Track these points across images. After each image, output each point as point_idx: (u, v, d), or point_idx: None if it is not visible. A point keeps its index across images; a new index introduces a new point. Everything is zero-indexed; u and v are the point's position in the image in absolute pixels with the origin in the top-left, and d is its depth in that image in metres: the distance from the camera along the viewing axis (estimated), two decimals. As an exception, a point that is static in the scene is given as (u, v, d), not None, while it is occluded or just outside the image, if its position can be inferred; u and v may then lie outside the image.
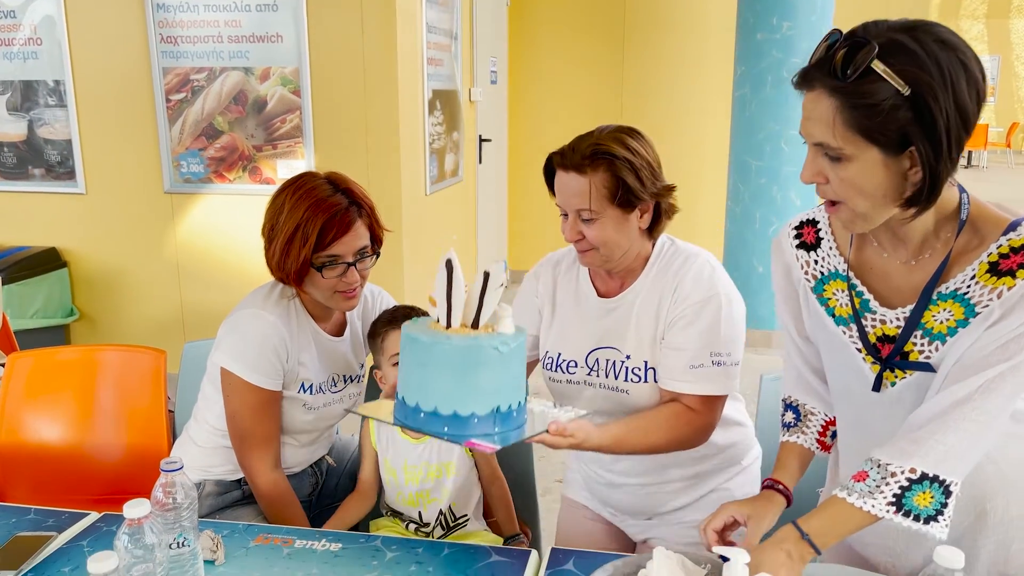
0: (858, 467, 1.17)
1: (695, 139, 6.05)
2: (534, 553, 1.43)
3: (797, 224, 1.36)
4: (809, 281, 1.33)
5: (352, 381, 1.89)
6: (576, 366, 1.66)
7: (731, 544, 1.29)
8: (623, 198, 1.50)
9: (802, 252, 1.34)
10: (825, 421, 1.42)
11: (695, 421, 1.55)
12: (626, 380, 1.60)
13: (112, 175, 4.08)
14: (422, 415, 1.28)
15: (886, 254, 1.23)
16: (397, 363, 1.71)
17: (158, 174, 4.03)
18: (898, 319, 1.21)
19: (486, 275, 1.29)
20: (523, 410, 1.35)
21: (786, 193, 4.70)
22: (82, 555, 1.41)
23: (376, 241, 1.76)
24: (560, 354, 1.68)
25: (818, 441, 1.41)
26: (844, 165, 1.09)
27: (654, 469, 1.67)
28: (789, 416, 1.45)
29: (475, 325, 1.30)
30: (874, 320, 1.24)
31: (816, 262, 1.32)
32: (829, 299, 1.30)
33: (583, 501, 1.85)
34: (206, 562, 1.36)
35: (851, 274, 1.27)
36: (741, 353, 1.59)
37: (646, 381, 1.59)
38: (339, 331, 1.85)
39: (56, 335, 4.11)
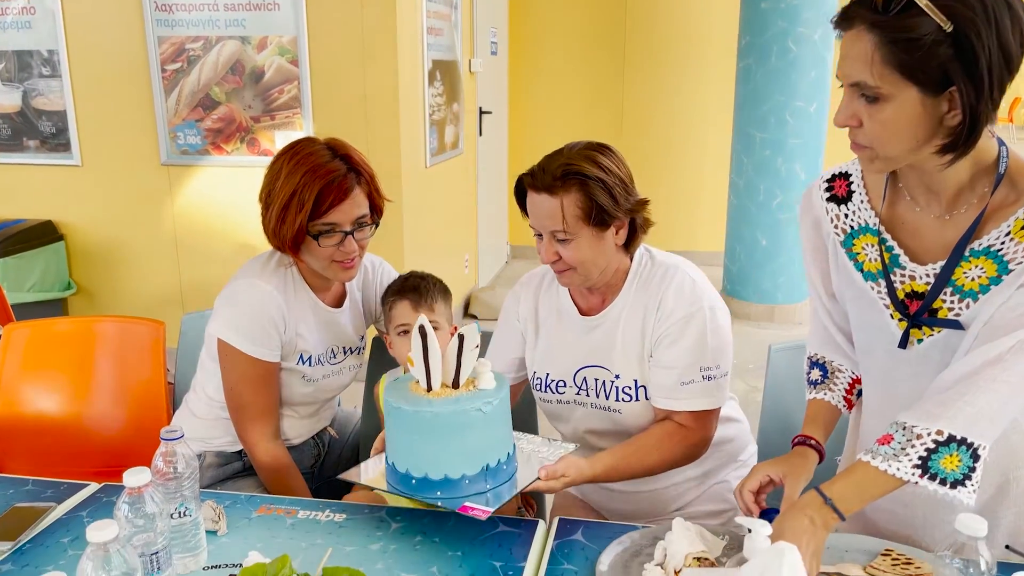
0: (881, 429, 1.15)
1: (698, 108, 5.98)
2: (541, 523, 1.40)
3: (829, 177, 1.33)
4: (839, 235, 1.30)
5: (352, 353, 1.85)
6: (565, 385, 1.64)
7: (764, 507, 1.26)
8: (597, 217, 1.46)
9: (832, 205, 1.31)
10: (852, 379, 1.39)
11: (689, 438, 1.54)
12: (617, 400, 1.58)
13: (108, 147, 4.02)
14: (414, 481, 1.33)
15: (919, 208, 1.20)
16: (403, 332, 1.71)
17: (154, 146, 3.97)
18: (928, 275, 1.18)
19: (460, 337, 1.33)
20: (512, 459, 1.40)
21: (790, 165, 4.65)
22: (81, 526, 1.39)
23: (376, 210, 1.71)
24: (548, 374, 1.65)
25: (844, 399, 1.39)
26: (880, 106, 1.05)
27: (652, 477, 1.64)
28: (816, 373, 1.42)
29: (455, 384, 1.35)
30: (903, 276, 1.21)
31: (846, 216, 1.29)
32: (858, 254, 1.27)
33: (576, 493, 1.83)
34: (208, 532, 1.33)
35: (882, 228, 1.24)
36: (730, 362, 1.57)
37: (637, 400, 1.57)
38: (338, 302, 1.82)
39: (54, 309, 4.08)
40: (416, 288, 1.73)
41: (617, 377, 1.57)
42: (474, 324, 1.37)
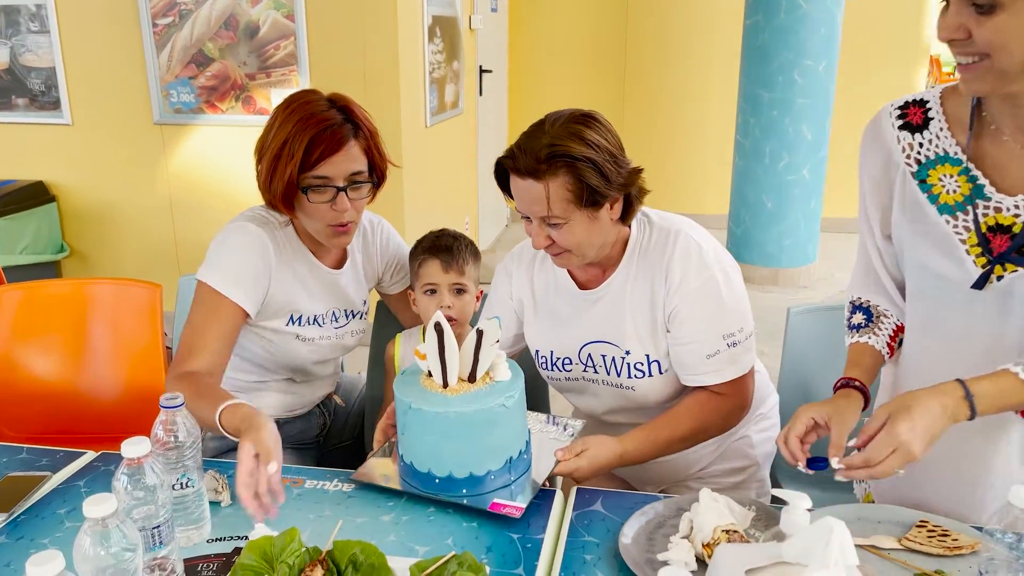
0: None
1: (704, 67, 5.86)
2: (559, 493, 1.35)
3: (901, 104, 1.25)
4: (911, 166, 1.22)
5: (355, 317, 1.78)
6: (571, 363, 1.56)
7: (812, 458, 1.19)
8: (589, 199, 1.36)
9: (905, 133, 1.23)
10: (896, 326, 1.33)
11: (723, 405, 1.47)
12: (629, 376, 1.51)
13: (99, 105, 3.92)
14: (437, 481, 1.29)
15: (1006, 137, 1.14)
16: (429, 292, 1.67)
17: (147, 104, 3.86)
18: (1017, 207, 1.12)
19: (479, 332, 1.29)
20: (529, 447, 1.37)
21: (798, 126, 4.56)
22: (79, 496, 1.34)
23: (375, 171, 1.60)
24: (552, 352, 1.58)
25: (888, 345, 1.32)
26: (993, 16, 0.99)
27: None
28: (858, 317, 1.35)
29: (471, 379, 1.31)
30: (987, 208, 1.15)
31: (921, 145, 1.22)
32: (933, 185, 1.20)
33: None
34: (211, 503, 1.28)
35: (964, 157, 1.17)
36: (751, 320, 1.49)
37: (651, 375, 1.50)
38: (338, 264, 1.73)
39: (47, 271, 4.00)
40: (448, 249, 1.65)
41: (628, 353, 1.50)
42: (496, 320, 1.31)
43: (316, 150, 1.49)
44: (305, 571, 1.07)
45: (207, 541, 1.22)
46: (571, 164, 1.34)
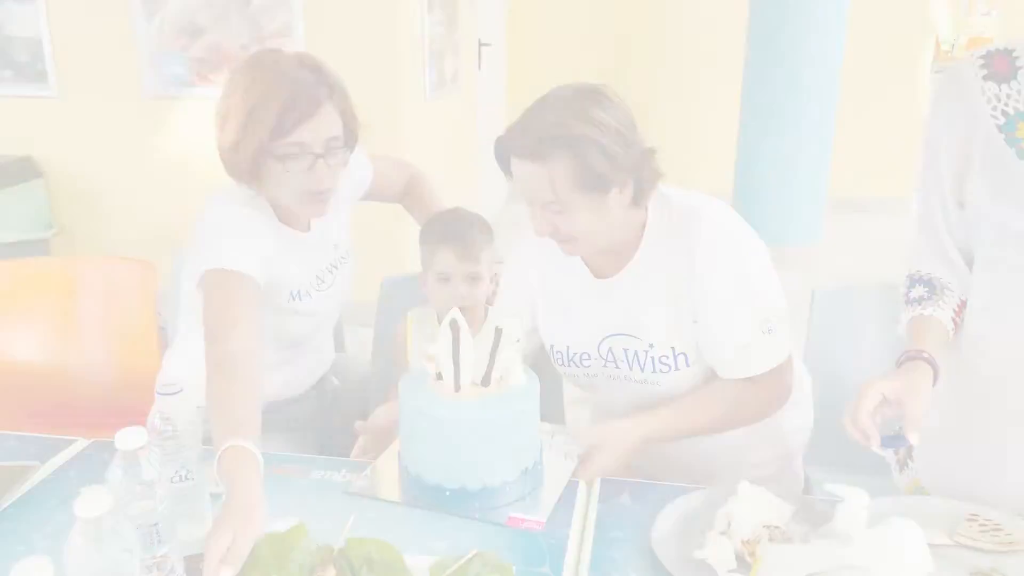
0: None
1: (707, 41, 5.75)
2: (582, 484, 1.27)
3: (983, 54, 1.17)
4: (997, 119, 1.14)
5: (338, 267, 1.66)
6: (589, 358, 1.47)
7: (886, 436, 1.10)
8: (593, 183, 1.26)
9: (991, 84, 1.15)
10: (960, 300, 1.24)
11: (761, 393, 1.39)
12: (654, 371, 1.41)
13: (87, 77, 3.79)
14: (447, 493, 1.20)
15: None
16: (443, 280, 1.57)
17: (137, 76, 3.74)
18: None
19: (498, 331, 1.21)
20: (542, 456, 1.30)
21: (805, 103, 4.47)
22: (69, 487, 1.26)
23: (350, 135, 1.49)
24: (568, 347, 1.48)
25: (952, 320, 1.23)
26: None
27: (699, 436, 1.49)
28: (919, 291, 1.26)
29: (485, 382, 1.23)
30: None
31: (1009, 96, 1.14)
32: (1022, 139, 1.12)
33: None
34: (213, 495, 1.19)
35: None
36: (783, 299, 1.40)
37: (677, 368, 1.40)
38: (306, 224, 1.60)
39: (36, 250, 3.89)
40: (462, 236, 1.55)
41: (651, 347, 1.40)
42: (516, 317, 1.23)
43: (290, 114, 1.38)
44: (317, 571, 0.99)
45: (209, 537, 1.14)
46: (572, 145, 1.24)
